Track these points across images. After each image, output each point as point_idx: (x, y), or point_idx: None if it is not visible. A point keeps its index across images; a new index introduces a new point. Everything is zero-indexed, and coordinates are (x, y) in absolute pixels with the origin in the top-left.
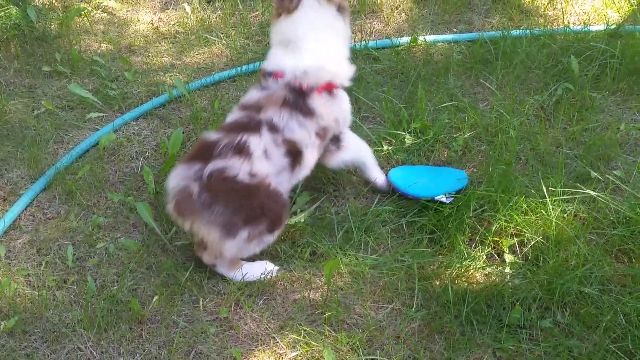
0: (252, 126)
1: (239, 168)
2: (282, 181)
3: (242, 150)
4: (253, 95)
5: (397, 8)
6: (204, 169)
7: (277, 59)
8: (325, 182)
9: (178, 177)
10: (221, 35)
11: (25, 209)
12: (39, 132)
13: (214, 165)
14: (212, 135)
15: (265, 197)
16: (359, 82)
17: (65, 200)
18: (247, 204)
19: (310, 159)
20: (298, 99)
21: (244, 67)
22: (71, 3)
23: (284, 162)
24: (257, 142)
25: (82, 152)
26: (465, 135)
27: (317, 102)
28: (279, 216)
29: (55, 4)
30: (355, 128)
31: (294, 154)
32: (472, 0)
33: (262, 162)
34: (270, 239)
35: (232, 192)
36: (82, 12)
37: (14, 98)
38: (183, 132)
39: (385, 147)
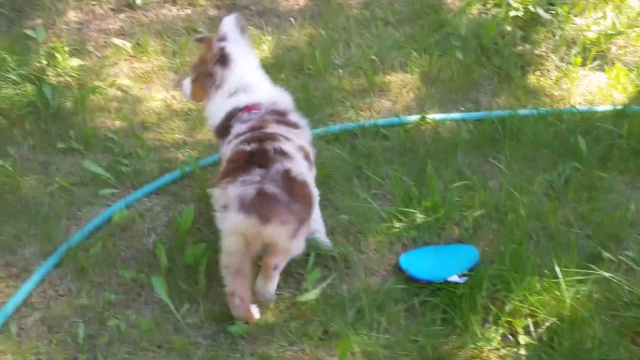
0: (270, 137)
1: (294, 169)
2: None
3: (285, 154)
4: (240, 127)
5: (405, 87)
6: (270, 172)
7: (244, 98)
8: (338, 259)
9: (239, 187)
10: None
11: (37, 285)
12: (52, 208)
13: (278, 167)
14: (246, 147)
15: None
16: (368, 159)
17: (77, 276)
18: (307, 200)
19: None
20: (283, 117)
21: None
22: (86, 81)
23: (306, 164)
24: (287, 147)
25: (95, 229)
26: (476, 214)
27: (296, 118)
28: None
29: (71, 82)
30: (365, 205)
31: (308, 157)
32: (478, 79)
33: (300, 163)
34: (305, 231)
35: (301, 189)
36: (97, 90)
37: (28, 174)
38: (194, 209)
39: (396, 225)
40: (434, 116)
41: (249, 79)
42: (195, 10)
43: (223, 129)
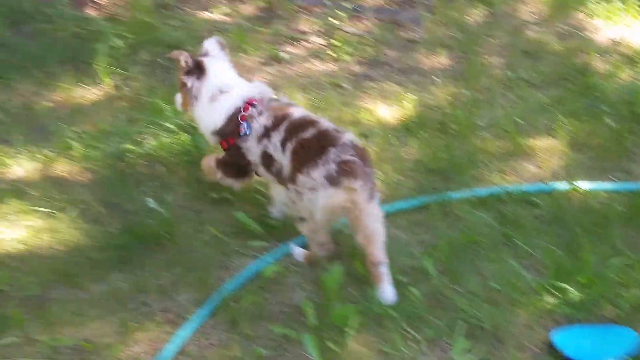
0: (310, 121)
1: (353, 138)
2: None
3: (337, 130)
4: (265, 117)
5: (551, 152)
6: (340, 146)
7: (236, 97)
8: (487, 329)
9: (323, 167)
10: (375, 171)
11: (192, 334)
12: (205, 256)
13: (344, 140)
14: (307, 134)
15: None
16: (515, 226)
17: (228, 327)
18: (371, 162)
19: None
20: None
21: (397, 204)
22: None
23: None
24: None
25: (245, 280)
26: (634, 293)
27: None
28: None
29: None
30: (514, 274)
31: None
32: (630, 147)
33: (348, 133)
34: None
35: (365, 153)
36: None
37: (183, 222)
38: (342, 268)
39: (547, 299)
40: (585, 186)
41: (226, 82)
42: (339, 65)
43: (230, 127)
